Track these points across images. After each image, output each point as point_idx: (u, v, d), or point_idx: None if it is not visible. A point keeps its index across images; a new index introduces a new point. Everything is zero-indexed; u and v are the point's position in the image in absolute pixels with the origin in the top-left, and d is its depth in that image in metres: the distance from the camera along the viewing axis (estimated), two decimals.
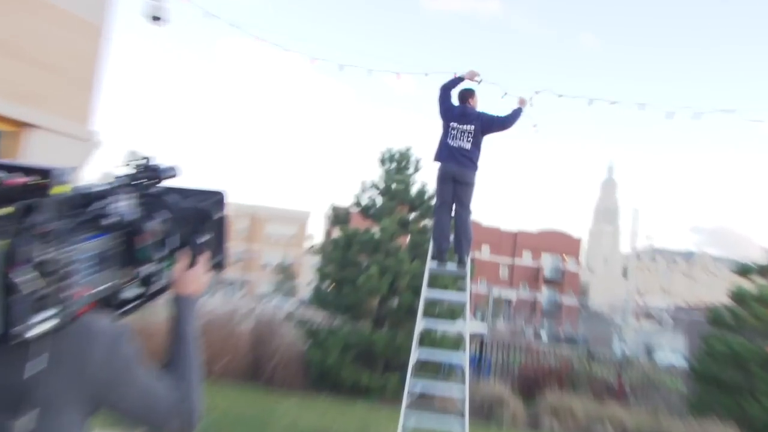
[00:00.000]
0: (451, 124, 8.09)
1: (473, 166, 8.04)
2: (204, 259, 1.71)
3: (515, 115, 8.26)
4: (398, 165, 14.53)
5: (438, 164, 8.12)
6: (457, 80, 8.42)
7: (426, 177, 15.92)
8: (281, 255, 67.96)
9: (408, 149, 14.59)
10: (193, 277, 1.68)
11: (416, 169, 14.62)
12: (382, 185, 14.46)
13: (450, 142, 8.05)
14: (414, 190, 14.40)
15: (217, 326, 12.85)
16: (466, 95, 8.33)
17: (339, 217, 15.33)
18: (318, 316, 14.30)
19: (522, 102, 8.39)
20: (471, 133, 8.03)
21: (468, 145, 8.00)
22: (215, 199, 1.72)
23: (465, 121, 8.10)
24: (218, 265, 1.77)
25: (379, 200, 14.46)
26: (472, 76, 8.44)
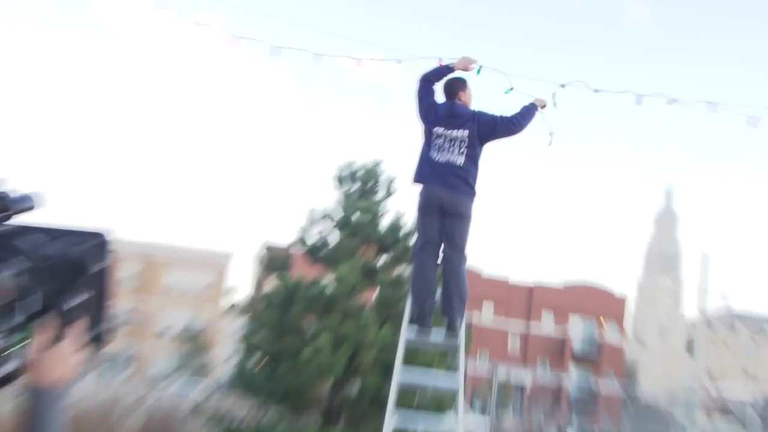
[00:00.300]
0: (436, 129, 7.91)
1: (468, 190, 7.87)
2: (76, 332, 1.69)
3: (527, 113, 8.12)
4: (362, 186, 14.15)
5: (418, 187, 7.96)
6: (445, 70, 8.32)
7: (402, 204, 15.11)
8: (188, 316, 67.34)
9: (376, 164, 14.35)
10: (59, 358, 1.65)
11: (388, 193, 14.29)
12: (338, 215, 14.20)
13: (434, 155, 7.87)
14: (384, 222, 14.16)
15: (90, 423, 12.65)
16: (456, 87, 8.20)
17: (275, 262, 15.22)
18: (241, 407, 14.16)
19: (540, 103, 8.22)
20: (464, 141, 7.85)
21: (460, 160, 7.82)
22: (95, 242, 1.71)
23: (455, 125, 7.92)
24: (97, 340, 1.75)
25: (335, 237, 14.28)
26: (465, 64, 8.34)
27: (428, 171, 7.89)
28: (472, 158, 7.89)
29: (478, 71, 8.33)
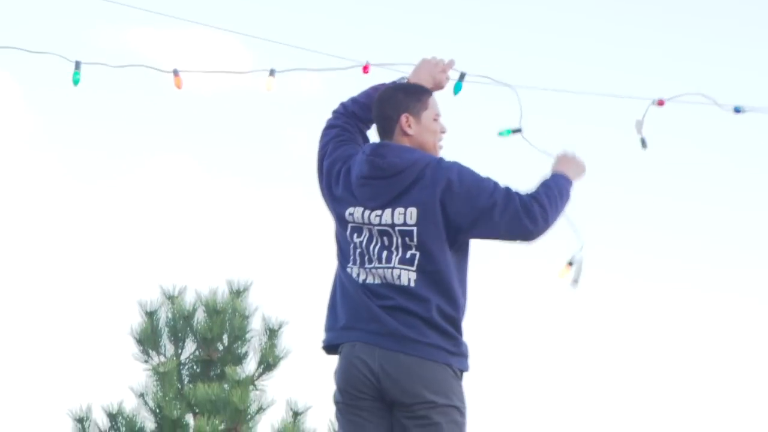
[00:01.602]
0: (347, 211, 3.24)
1: (439, 342, 3.13)
2: None
3: (559, 192, 3.27)
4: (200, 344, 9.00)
5: (332, 356, 3.36)
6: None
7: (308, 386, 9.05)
8: None
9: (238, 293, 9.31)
10: None
11: (266, 365, 8.82)
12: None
13: (351, 272, 3.23)
14: None
15: None
16: (395, 105, 3.28)
17: None
18: None
19: (573, 168, 3.37)
20: (409, 232, 3.14)
21: (406, 275, 3.13)
22: None
23: (382, 196, 3.17)
24: None
25: None
26: (434, 74, 3.45)
27: (344, 311, 3.21)
28: (436, 268, 3.12)
29: (458, 86, 3.71)
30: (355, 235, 3.19)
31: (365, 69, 3.84)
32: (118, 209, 13.78)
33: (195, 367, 8.65)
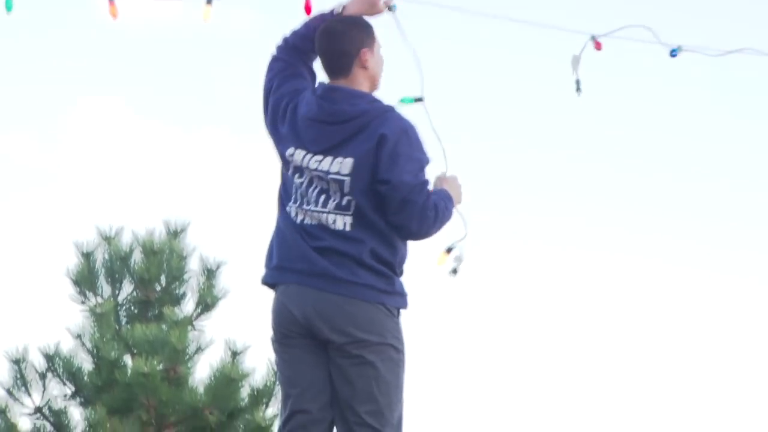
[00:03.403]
0: (288, 152, 3.21)
1: (373, 282, 3.14)
2: None
3: (447, 211, 3.28)
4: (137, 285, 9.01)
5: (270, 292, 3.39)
6: (326, 18, 3.39)
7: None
8: None
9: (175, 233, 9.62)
10: None
11: (204, 305, 8.95)
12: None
13: (291, 212, 3.24)
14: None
15: None
16: (347, 42, 3.20)
17: None
18: None
19: (451, 192, 3.31)
20: (345, 180, 3.14)
21: (342, 219, 3.18)
22: None
23: (327, 142, 3.17)
24: None
25: None
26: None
27: (278, 251, 3.25)
28: (370, 215, 3.14)
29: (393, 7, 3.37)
30: (297, 176, 3.18)
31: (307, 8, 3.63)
32: (52, 151, 13.55)
33: (132, 308, 8.63)
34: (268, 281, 3.25)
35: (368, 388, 3.08)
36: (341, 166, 3.11)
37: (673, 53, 3.91)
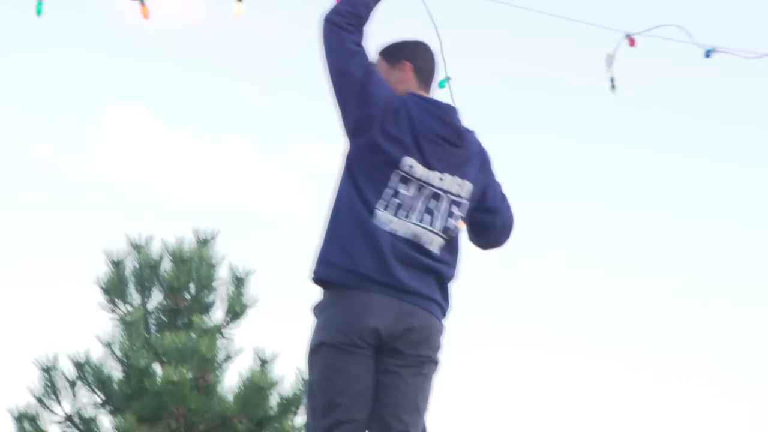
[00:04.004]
0: (405, 161, 3.05)
1: (446, 310, 3.25)
2: None
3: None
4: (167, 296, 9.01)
5: (328, 292, 3.14)
6: None
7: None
8: None
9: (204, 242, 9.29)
10: None
11: (234, 314, 8.87)
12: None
13: (386, 216, 3.05)
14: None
15: None
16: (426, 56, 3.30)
17: None
18: None
19: None
20: (460, 203, 3.16)
21: (440, 242, 3.13)
22: None
23: (453, 162, 3.15)
24: None
25: None
26: None
27: (362, 254, 3.03)
28: (455, 242, 3.22)
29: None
30: (402, 185, 3.09)
31: None
32: (81, 160, 13.64)
33: (162, 316, 8.65)
34: (342, 282, 3.10)
35: (417, 400, 3.14)
36: (461, 188, 3.14)
37: (708, 54, 3.89)
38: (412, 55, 3.20)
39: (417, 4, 3.32)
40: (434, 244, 3.12)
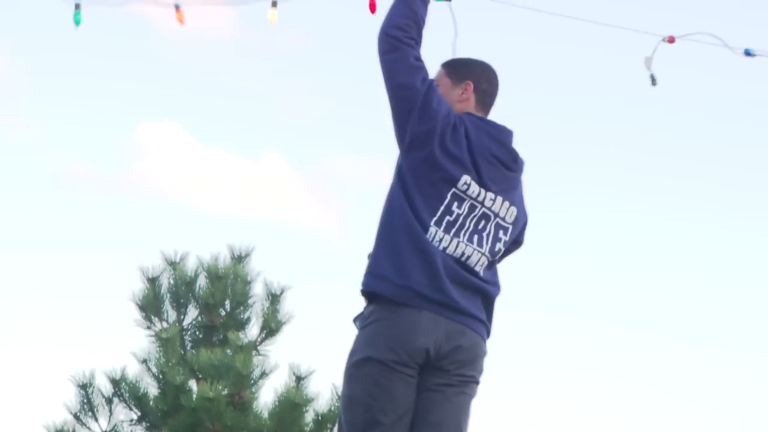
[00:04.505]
0: (464, 179, 3.05)
1: (488, 330, 3.28)
2: None
3: None
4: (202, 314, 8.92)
5: (382, 307, 3.05)
6: None
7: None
8: None
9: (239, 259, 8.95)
10: None
11: (269, 330, 8.64)
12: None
13: (440, 235, 3.04)
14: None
15: None
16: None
17: None
18: None
19: None
20: (508, 227, 3.21)
21: (485, 261, 3.14)
22: None
23: (506, 185, 3.19)
24: None
25: None
26: None
27: (418, 271, 3.00)
28: (496, 265, 3.24)
29: None
30: (456, 203, 3.08)
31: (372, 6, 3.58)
32: (116, 177, 13.75)
33: (197, 332, 8.68)
34: (394, 298, 3.05)
35: (458, 418, 3.13)
36: (508, 213, 3.16)
37: (748, 52, 3.89)
38: (477, 77, 3.19)
39: (445, 9, 3.26)
40: (481, 264, 3.12)
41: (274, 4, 3.87)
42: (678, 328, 12.45)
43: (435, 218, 3.04)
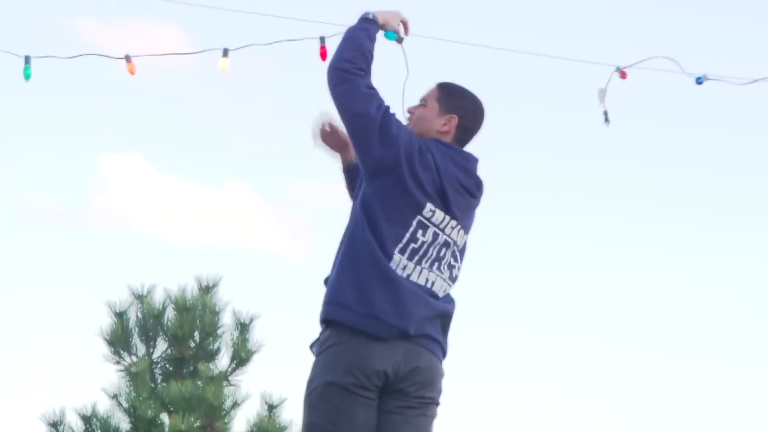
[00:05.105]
0: (430, 207, 3.07)
1: (445, 347, 3.29)
2: None
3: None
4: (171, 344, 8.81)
5: (340, 332, 3.06)
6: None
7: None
8: None
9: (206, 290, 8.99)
10: None
11: (239, 360, 8.71)
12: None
13: (405, 264, 3.06)
14: None
15: None
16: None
17: None
18: None
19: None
20: (459, 250, 3.25)
21: (446, 288, 3.20)
22: None
23: (463, 207, 3.21)
24: None
25: None
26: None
27: (382, 301, 3.00)
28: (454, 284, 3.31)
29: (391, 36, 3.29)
30: (420, 231, 3.09)
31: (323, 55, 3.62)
32: (77, 210, 13.65)
33: (167, 365, 8.63)
34: (356, 326, 3.03)
35: None
36: (460, 238, 3.18)
37: (699, 80, 3.92)
38: (464, 113, 3.18)
39: (397, 50, 3.24)
40: (443, 290, 3.15)
41: (225, 54, 3.94)
42: (664, 339, 12.53)
43: (400, 245, 3.04)
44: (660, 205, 12.98)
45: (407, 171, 3.01)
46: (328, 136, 3.42)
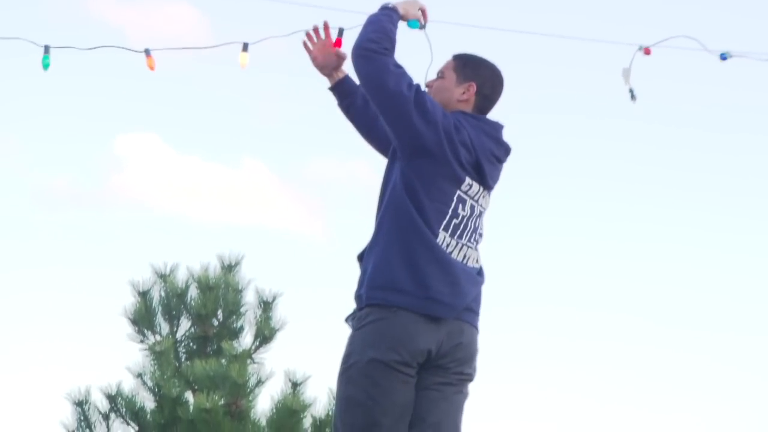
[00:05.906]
0: (468, 181, 3.10)
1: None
2: None
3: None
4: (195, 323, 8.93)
5: (395, 314, 2.99)
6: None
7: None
8: None
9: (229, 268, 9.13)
10: None
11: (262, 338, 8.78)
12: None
13: (449, 241, 3.08)
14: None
15: None
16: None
17: None
18: None
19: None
20: (484, 210, 3.27)
21: (478, 257, 3.22)
22: None
23: (493, 177, 3.25)
24: None
25: None
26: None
27: (438, 281, 2.99)
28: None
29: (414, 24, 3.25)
30: (461, 206, 3.11)
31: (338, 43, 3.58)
32: (95, 190, 13.71)
33: (191, 344, 8.67)
34: (419, 311, 2.99)
35: (456, 418, 3.14)
36: (487, 202, 3.22)
37: (723, 57, 3.90)
38: (483, 80, 3.18)
39: (419, 37, 3.24)
40: (475, 260, 3.16)
41: (245, 48, 3.87)
42: (675, 317, 12.51)
43: (444, 222, 3.04)
44: (687, 184, 12.94)
45: (448, 148, 3.00)
46: (320, 51, 3.43)
